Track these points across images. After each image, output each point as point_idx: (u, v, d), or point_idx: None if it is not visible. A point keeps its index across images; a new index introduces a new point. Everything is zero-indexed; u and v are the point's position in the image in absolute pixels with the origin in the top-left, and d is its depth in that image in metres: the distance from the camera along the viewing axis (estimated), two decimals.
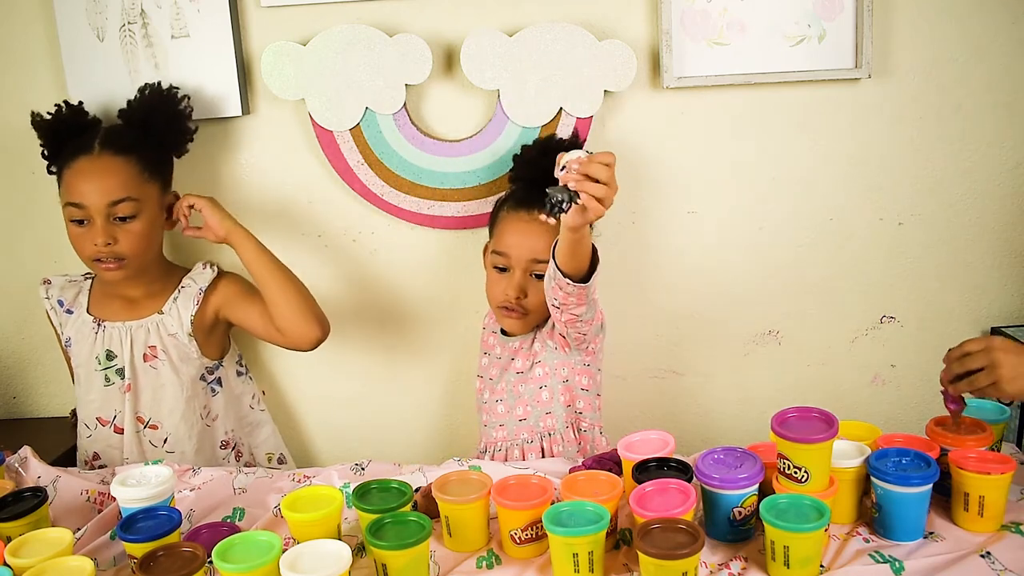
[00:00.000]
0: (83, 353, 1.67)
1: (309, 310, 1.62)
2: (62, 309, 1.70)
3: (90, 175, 1.56)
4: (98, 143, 1.58)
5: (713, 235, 1.81)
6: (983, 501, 1.14)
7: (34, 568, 1.07)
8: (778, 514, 1.08)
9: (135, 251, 1.59)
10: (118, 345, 1.65)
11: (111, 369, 1.66)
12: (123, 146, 1.59)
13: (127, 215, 1.58)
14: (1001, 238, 1.78)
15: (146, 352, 1.65)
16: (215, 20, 1.73)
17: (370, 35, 1.70)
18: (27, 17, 1.78)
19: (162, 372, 1.66)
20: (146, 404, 1.67)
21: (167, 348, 1.66)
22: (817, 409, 1.19)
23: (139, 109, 1.66)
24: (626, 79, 1.68)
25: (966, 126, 1.73)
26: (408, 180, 1.78)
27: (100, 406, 1.67)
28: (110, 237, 1.56)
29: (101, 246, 1.56)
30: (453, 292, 1.87)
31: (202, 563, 1.06)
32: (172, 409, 1.66)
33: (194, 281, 1.68)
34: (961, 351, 1.23)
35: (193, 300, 1.66)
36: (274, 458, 1.84)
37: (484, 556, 1.17)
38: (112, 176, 1.56)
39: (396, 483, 1.24)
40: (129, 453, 1.67)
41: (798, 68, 1.69)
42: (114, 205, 1.56)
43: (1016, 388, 1.18)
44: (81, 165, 1.56)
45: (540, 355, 1.57)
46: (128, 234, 1.58)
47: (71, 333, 1.69)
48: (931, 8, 1.68)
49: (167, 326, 1.66)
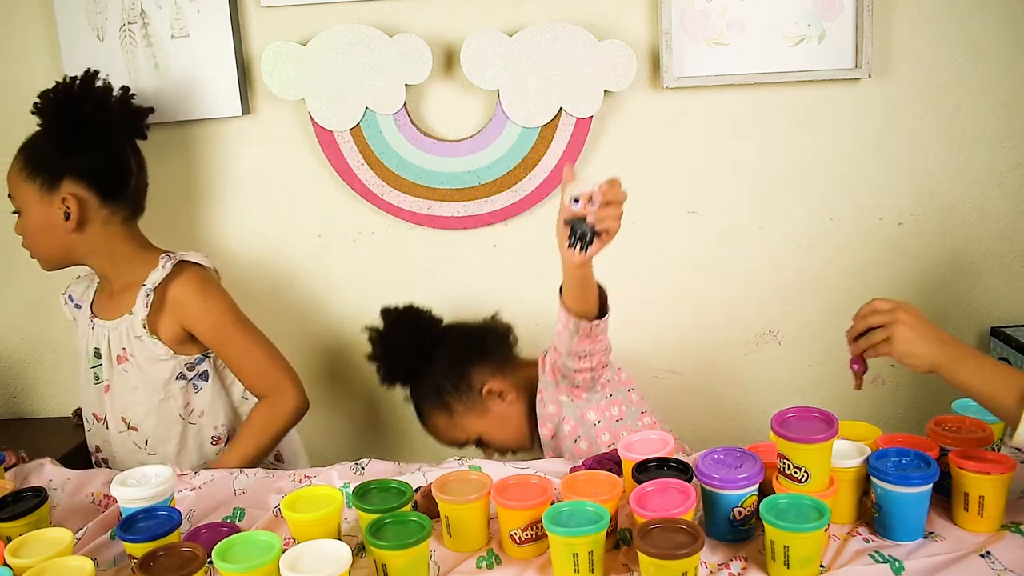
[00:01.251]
0: (81, 349, 1.67)
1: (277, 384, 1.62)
2: (72, 304, 1.69)
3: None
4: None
5: (713, 235, 1.81)
6: (983, 501, 1.14)
7: (34, 568, 1.07)
8: (778, 514, 1.08)
9: (34, 249, 1.60)
10: (104, 344, 1.62)
11: (98, 367, 1.63)
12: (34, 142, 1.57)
13: (15, 210, 1.58)
14: (1001, 238, 1.78)
15: (119, 354, 1.60)
16: (215, 20, 1.73)
17: (370, 35, 1.70)
18: (27, 17, 1.78)
19: (131, 375, 1.60)
20: (123, 406, 1.63)
21: (133, 351, 1.58)
22: (817, 409, 1.18)
23: (59, 104, 1.59)
24: (626, 79, 1.68)
25: (966, 126, 1.73)
26: (408, 180, 1.78)
27: (92, 402, 1.67)
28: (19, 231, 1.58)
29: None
30: (453, 292, 1.87)
31: (202, 563, 1.06)
32: (147, 412, 1.61)
33: (149, 279, 1.56)
34: (870, 308, 1.24)
35: (144, 302, 1.55)
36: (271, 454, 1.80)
37: (484, 556, 1.17)
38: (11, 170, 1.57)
39: (396, 483, 1.24)
40: (118, 451, 1.66)
41: (798, 68, 1.69)
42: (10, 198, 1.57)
43: (905, 349, 1.18)
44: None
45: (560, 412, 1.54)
46: (22, 230, 1.59)
47: (78, 328, 1.68)
48: (931, 8, 1.68)
49: (134, 327, 1.57)
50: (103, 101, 1.59)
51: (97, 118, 1.56)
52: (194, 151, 1.79)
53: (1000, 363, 1.19)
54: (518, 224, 1.82)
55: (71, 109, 1.56)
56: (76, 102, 1.56)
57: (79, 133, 1.55)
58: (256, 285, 1.88)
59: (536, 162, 1.75)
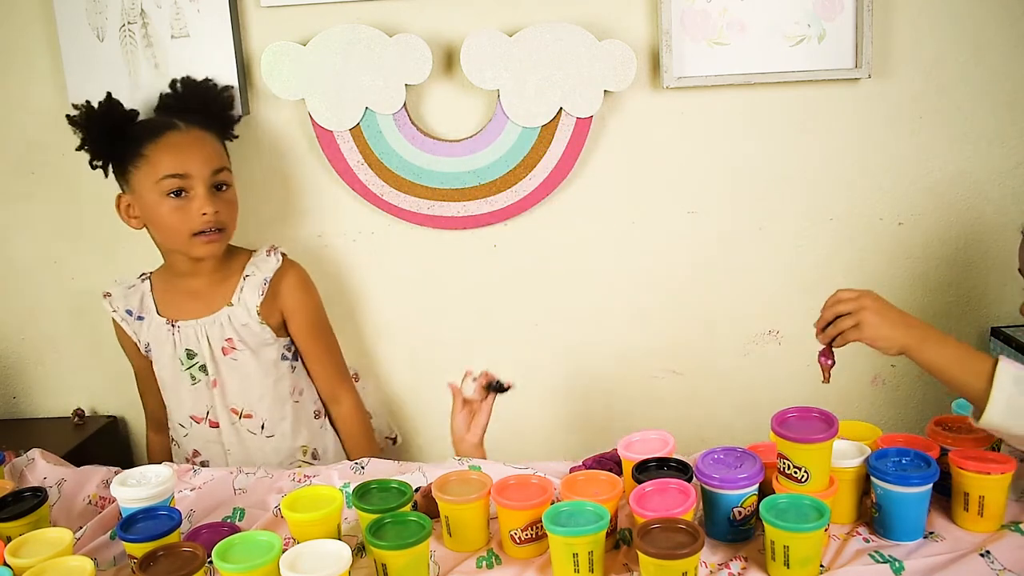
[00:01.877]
0: (164, 356, 1.66)
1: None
2: (133, 317, 1.67)
3: (188, 146, 1.57)
4: (180, 121, 1.59)
5: (713, 235, 1.81)
6: (983, 501, 1.14)
7: (34, 568, 1.07)
8: (778, 514, 1.08)
9: (233, 221, 1.63)
10: (195, 343, 1.64)
11: (194, 367, 1.65)
12: (203, 124, 1.62)
13: (225, 183, 1.61)
14: (1001, 238, 1.78)
15: (224, 346, 1.64)
16: (215, 20, 1.73)
17: (370, 35, 1.70)
18: (27, 17, 1.78)
19: (243, 362, 1.65)
20: (235, 395, 1.66)
21: (243, 338, 1.64)
22: (817, 409, 1.18)
23: (191, 101, 1.67)
24: (626, 79, 1.68)
25: (966, 126, 1.73)
26: (408, 180, 1.78)
27: (193, 404, 1.67)
28: (216, 206, 1.57)
29: (211, 215, 1.56)
30: (453, 292, 1.87)
31: (202, 563, 1.06)
32: (261, 395, 1.66)
33: (258, 269, 1.66)
34: (835, 299, 1.27)
35: (258, 291, 1.64)
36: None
37: (484, 556, 1.17)
38: (208, 146, 1.60)
39: (396, 483, 1.24)
40: (230, 445, 1.68)
41: (798, 68, 1.69)
42: (216, 173, 1.59)
43: (873, 332, 1.21)
44: (173, 139, 1.57)
45: None
46: (226, 204, 1.61)
47: (149, 339, 1.67)
48: (931, 8, 1.68)
49: (238, 317, 1.64)
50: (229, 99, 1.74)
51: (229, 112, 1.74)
52: None
53: (967, 346, 1.20)
54: (518, 224, 1.82)
55: (224, 104, 1.73)
56: (221, 94, 1.73)
57: (231, 122, 1.73)
58: None
59: (536, 162, 1.75)
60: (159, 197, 1.56)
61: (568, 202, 1.81)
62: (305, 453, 1.72)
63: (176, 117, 1.61)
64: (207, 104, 1.69)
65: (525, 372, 1.90)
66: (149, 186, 1.56)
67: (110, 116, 1.62)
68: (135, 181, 1.58)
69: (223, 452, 1.69)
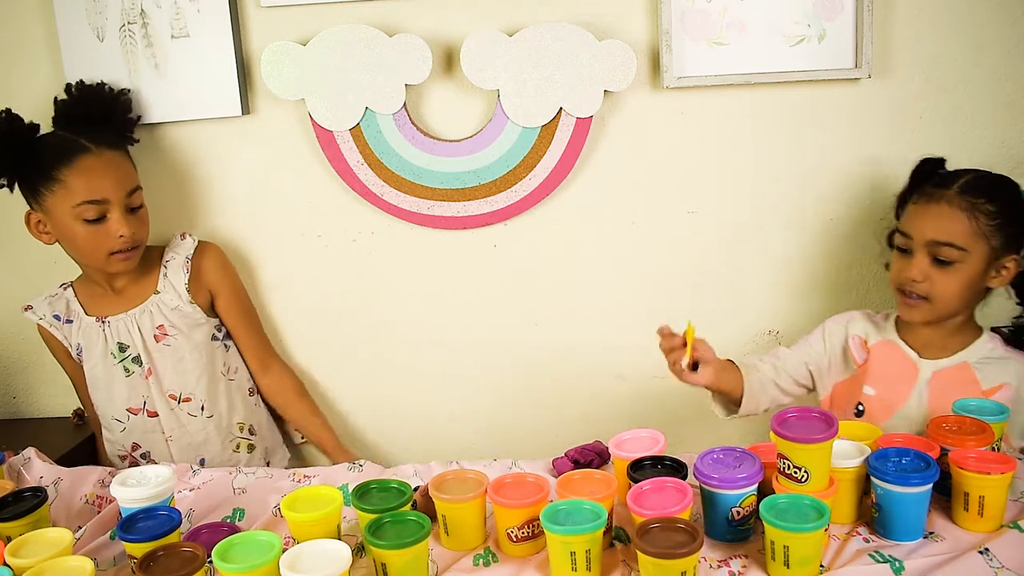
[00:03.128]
0: (96, 353, 1.69)
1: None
2: (61, 322, 1.71)
3: (103, 171, 1.59)
4: (88, 142, 1.59)
5: (713, 235, 1.81)
6: (983, 501, 1.14)
7: (34, 568, 1.07)
8: (778, 514, 1.08)
9: (146, 235, 1.67)
10: (127, 335, 1.68)
11: (127, 359, 1.68)
12: (110, 141, 1.63)
13: (139, 204, 1.64)
14: None
15: (156, 333, 1.68)
16: (215, 20, 1.73)
17: (370, 35, 1.70)
18: (27, 17, 1.78)
19: (176, 347, 1.69)
20: (171, 381, 1.70)
21: (174, 322, 1.69)
22: (817, 409, 1.19)
23: (90, 106, 1.67)
24: (626, 79, 1.68)
25: (966, 126, 1.73)
26: (408, 180, 1.78)
27: (128, 397, 1.70)
28: (132, 227, 1.61)
29: (127, 236, 1.60)
30: (453, 292, 1.87)
31: (202, 563, 1.06)
32: (199, 377, 1.71)
33: (176, 252, 1.73)
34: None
35: (182, 270, 1.70)
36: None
37: (481, 554, 1.18)
38: (121, 168, 1.63)
39: (396, 483, 1.24)
40: (171, 431, 1.71)
41: (798, 68, 1.69)
42: (130, 195, 1.62)
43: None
44: (87, 163, 1.57)
45: None
46: (140, 221, 1.65)
47: (80, 340, 1.70)
48: (931, 8, 1.68)
49: (167, 302, 1.69)
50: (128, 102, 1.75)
51: (129, 119, 1.74)
52: (194, 151, 1.79)
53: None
54: (518, 224, 1.82)
55: (124, 110, 1.73)
56: (118, 99, 1.72)
57: (132, 129, 1.74)
58: (256, 285, 1.88)
59: (536, 162, 1.75)
60: (74, 220, 1.58)
61: (568, 202, 1.81)
62: (242, 429, 1.76)
63: (84, 137, 1.60)
64: (109, 112, 1.68)
65: (525, 372, 1.90)
66: (65, 210, 1.58)
67: (10, 132, 1.61)
68: (48, 203, 1.59)
69: (164, 440, 1.71)
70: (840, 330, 1.58)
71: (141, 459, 1.73)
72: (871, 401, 1.50)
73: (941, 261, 1.42)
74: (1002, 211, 1.42)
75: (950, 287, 1.42)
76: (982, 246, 1.42)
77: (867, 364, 1.52)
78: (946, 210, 1.42)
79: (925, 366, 1.48)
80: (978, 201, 1.42)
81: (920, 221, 1.45)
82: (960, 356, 1.47)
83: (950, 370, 1.46)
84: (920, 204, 1.47)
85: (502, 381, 1.91)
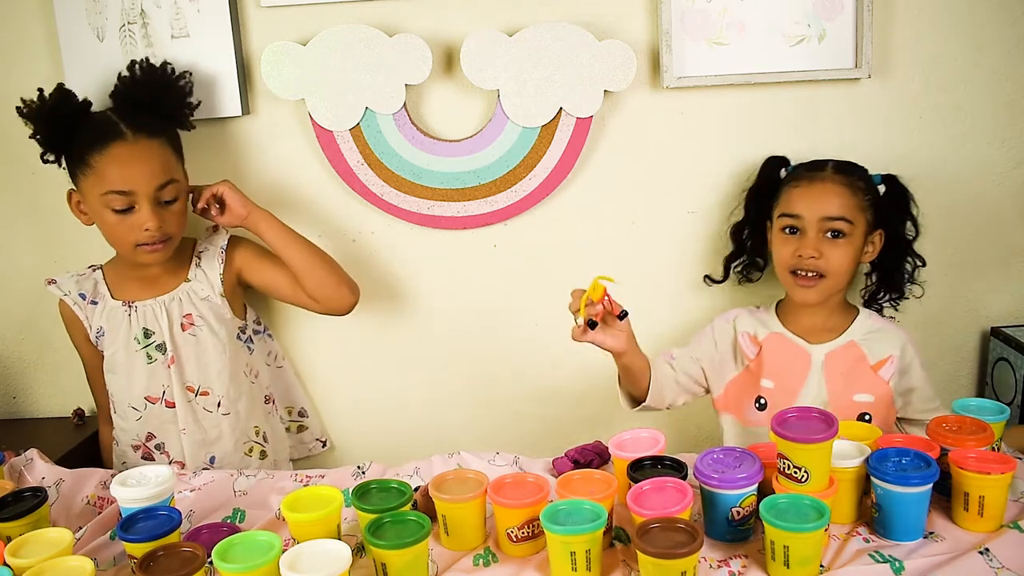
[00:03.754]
0: (119, 338, 1.66)
1: (339, 278, 1.71)
2: (86, 302, 1.68)
3: (132, 161, 1.54)
4: (128, 128, 1.55)
5: (713, 235, 1.81)
6: (983, 501, 1.14)
7: (34, 568, 1.07)
8: (778, 514, 1.08)
9: (180, 230, 1.63)
10: (153, 322, 1.65)
11: (151, 346, 1.65)
12: (152, 129, 1.58)
13: (172, 197, 1.59)
14: (1001, 238, 1.78)
15: (183, 322, 1.66)
16: (215, 20, 1.73)
17: (370, 35, 1.70)
18: (27, 17, 1.79)
19: (202, 337, 1.67)
20: (192, 372, 1.67)
21: (203, 313, 1.67)
22: (817, 409, 1.19)
23: (145, 90, 1.64)
24: (626, 79, 1.68)
25: (966, 126, 1.73)
26: (408, 180, 1.78)
27: (147, 385, 1.66)
28: (161, 220, 1.57)
29: (154, 229, 1.56)
30: (453, 292, 1.87)
31: (202, 563, 1.06)
32: (220, 371, 1.68)
33: (210, 243, 1.71)
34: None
35: (217, 260, 1.69)
36: (295, 411, 1.90)
37: (481, 554, 1.18)
38: (154, 160, 1.56)
39: (396, 483, 1.24)
40: (185, 424, 1.67)
41: (798, 68, 1.69)
42: (161, 189, 1.57)
43: None
44: (118, 151, 1.53)
45: None
46: (173, 215, 1.60)
47: (102, 323, 1.67)
48: (931, 8, 1.68)
49: (198, 291, 1.68)
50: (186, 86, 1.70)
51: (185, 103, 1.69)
52: (194, 151, 1.78)
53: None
54: (518, 224, 1.82)
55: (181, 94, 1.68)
56: (178, 83, 1.68)
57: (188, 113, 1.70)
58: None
59: (536, 162, 1.75)
60: (103, 208, 1.56)
61: (568, 202, 1.81)
62: (257, 434, 1.75)
63: (124, 121, 1.56)
64: (158, 98, 1.64)
65: (524, 372, 1.90)
66: (95, 196, 1.56)
67: (61, 108, 1.59)
68: (82, 186, 1.58)
69: (178, 433, 1.67)
70: (728, 328, 1.64)
71: (155, 450, 1.69)
72: (771, 393, 1.56)
73: (834, 234, 1.51)
74: (868, 188, 1.56)
75: (843, 261, 1.51)
76: (862, 219, 1.53)
77: (760, 358, 1.58)
78: (831, 187, 1.53)
79: (816, 351, 1.56)
80: (852, 178, 1.55)
81: (809, 200, 1.53)
82: (846, 336, 1.56)
83: (839, 350, 1.55)
84: (803, 187, 1.56)
85: (502, 381, 1.91)
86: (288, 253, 1.67)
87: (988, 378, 1.80)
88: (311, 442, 1.92)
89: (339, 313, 1.72)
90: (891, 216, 1.59)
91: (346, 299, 1.71)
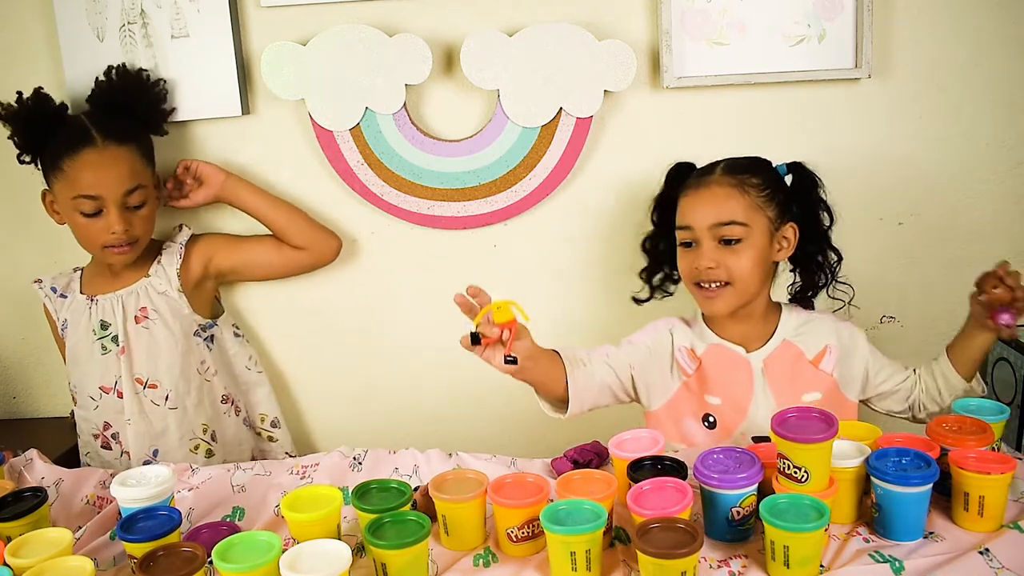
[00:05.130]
0: (80, 329, 1.71)
1: (320, 225, 1.79)
2: (56, 295, 1.74)
3: (101, 166, 1.60)
4: (98, 134, 1.60)
5: None
6: (983, 501, 1.14)
7: (34, 568, 1.07)
8: (778, 514, 1.08)
9: (147, 233, 1.69)
10: (110, 314, 1.70)
11: (106, 338, 1.70)
12: (123, 136, 1.63)
13: (139, 203, 1.64)
14: (1001, 238, 1.78)
15: (137, 314, 1.70)
16: (215, 20, 1.73)
17: (370, 35, 1.70)
18: (27, 17, 1.79)
19: (154, 330, 1.70)
20: (142, 364, 1.70)
21: (157, 307, 1.71)
22: (817, 409, 1.18)
23: (120, 95, 1.69)
24: (626, 79, 1.68)
25: (966, 126, 1.73)
26: (408, 180, 1.78)
27: (102, 375, 1.70)
28: (127, 224, 1.62)
29: (120, 234, 1.62)
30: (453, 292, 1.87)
31: (202, 563, 1.06)
32: (170, 365, 1.70)
33: (172, 241, 1.76)
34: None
35: (176, 255, 1.73)
36: (267, 420, 1.87)
37: (481, 554, 1.18)
38: (122, 166, 1.62)
39: (396, 483, 1.24)
40: (131, 415, 1.69)
41: (798, 68, 1.69)
42: (128, 194, 1.62)
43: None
44: (88, 157, 1.59)
45: None
46: (140, 219, 1.66)
47: (67, 315, 1.72)
48: (931, 8, 1.68)
49: (156, 286, 1.72)
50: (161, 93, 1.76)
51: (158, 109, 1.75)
52: (194, 151, 1.79)
53: None
54: (518, 224, 1.82)
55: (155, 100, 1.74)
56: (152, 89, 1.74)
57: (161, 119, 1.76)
58: (256, 285, 1.88)
59: (536, 162, 1.75)
60: (73, 210, 1.62)
61: (568, 202, 1.81)
62: (205, 432, 1.75)
63: (96, 127, 1.61)
64: (132, 103, 1.69)
65: None
66: (66, 198, 1.62)
67: (38, 111, 1.64)
68: (54, 188, 1.64)
69: (124, 423, 1.70)
70: (666, 337, 1.54)
71: (111, 439, 1.73)
72: (719, 410, 1.48)
73: (728, 242, 1.43)
74: (766, 183, 1.46)
75: (744, 265, 1.43)
76: (761, 219, 1.44)
77: (702, 373, 1.49)
78: (719, 191, 1.44)
79: (754, 358, 1.48)
80: (744, 177, 1.45)
81: (698, 209, 1.45)
82: (777, 336, 1.49)
83: (776, 353, 1.48)
84: (691, 195, 1.48)
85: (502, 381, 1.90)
86: (269, 212, 1.76)
87: (988, 378, 1.80)
88: (280, 454, 1.88)
89: (327, 260, 1.79)
90: (801, 207, 1.50)
91: (332, 241, 1.78)
